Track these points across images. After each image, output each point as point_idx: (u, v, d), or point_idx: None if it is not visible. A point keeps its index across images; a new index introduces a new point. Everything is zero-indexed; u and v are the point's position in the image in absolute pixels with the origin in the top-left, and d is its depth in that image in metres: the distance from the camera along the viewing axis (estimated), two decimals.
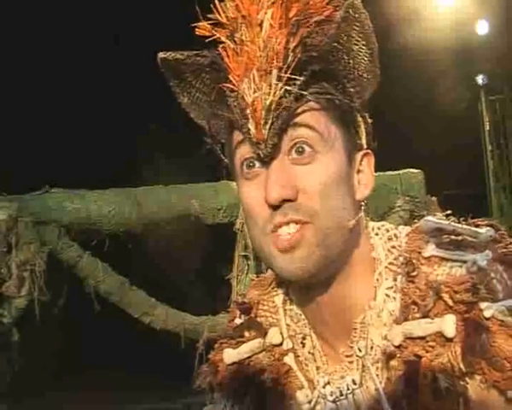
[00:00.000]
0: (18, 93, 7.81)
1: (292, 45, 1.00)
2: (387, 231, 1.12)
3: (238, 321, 1.22)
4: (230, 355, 1.17)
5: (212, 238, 3.98)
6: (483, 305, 0.98)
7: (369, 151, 1.11)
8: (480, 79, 10.27)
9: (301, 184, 1.01)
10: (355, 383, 1.08)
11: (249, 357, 1.16)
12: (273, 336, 1.16)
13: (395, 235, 1.11)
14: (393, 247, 1.09)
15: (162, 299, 3.78)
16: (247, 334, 1.18)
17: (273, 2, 1.01)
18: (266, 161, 1.01)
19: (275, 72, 0.99)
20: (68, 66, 8.18)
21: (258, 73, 1.00)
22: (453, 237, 1.05)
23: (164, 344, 4.11)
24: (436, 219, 1.09)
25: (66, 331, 5.92)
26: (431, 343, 0.99)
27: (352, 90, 1.05)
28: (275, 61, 0.99)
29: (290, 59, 1.00)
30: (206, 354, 3.78)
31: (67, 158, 7.86)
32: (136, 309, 3.69)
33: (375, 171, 1.12)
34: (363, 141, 1.10)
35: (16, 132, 7.83)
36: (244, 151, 1.03)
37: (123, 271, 3.74)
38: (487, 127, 10.31)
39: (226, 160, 1.10)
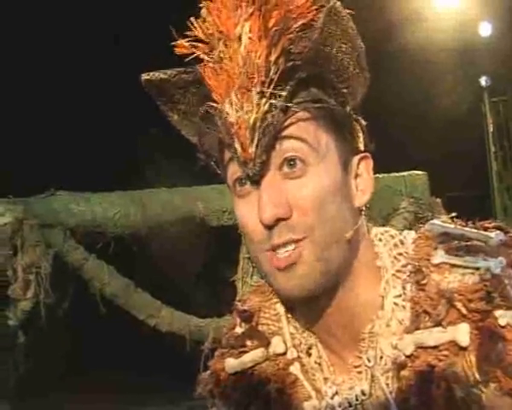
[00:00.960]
0: (22, 97, 7.82)
1: (274, 57, 0.96)
2: (392, 237, 1.09)
3: (239, 330, 1.18)
4: (232, 365, 1.14)
5: (217, 240, 3.98)
6: (498, 313, 0.95)
7: (366, 154, 1.06)
8: (483, 81, 10.25)
9: (294, 199, 0.98)
10: (364, 394, 1.05)
11: (252, 367, 1.13)
12: (276, 346, 1.12)
13: (401, 241, 1.08)
14: (400, 254, 1.06)
15: (167, 301, 3.78)
16: (249, 343, 1.14)
17: (251, 14, 0.96)
18: (256, 180, 0.98)
19: (256, 89, 0.95)
20: (73, 70, 8.19)
21: (239, 91, 0.96)
22: (463, 242, 1.02)
23: (169, 347, 4.12)
24: (442, 222, 1.07)
25: (71, 333, 5.93)
26: (444, 352, 0.97)
27: (344, 91, 1.02)
28: (256, 77, 0.95)
29: (273, 71, 0.96)
30: (211, 356, 3.77)
31: (72, 161, 7.86)
32: (141, 311, 3.69)
33: (379, 173, 1.09)
34: (360, 144, 1.06)
35: (21, 136, 7.83)
36: (234, 170, 1.00)
37: (128, 273, 3.75)
38: (491, 129, 10.29)
39: (221, 175, 1.06)
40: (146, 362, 6.54)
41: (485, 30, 9.88)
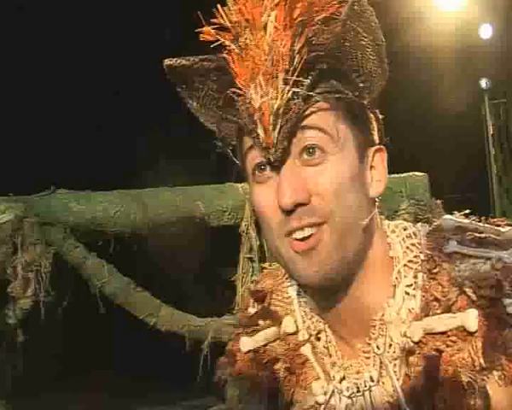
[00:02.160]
0: (23, 96, 7.82)
1: (297, 46, 0.99)
2: (405, 229, 1.11)
3: (252, 310, 1.22)
4: (246, 343, 1.18)
5: (217, 240, 3.98)
6: (506, 301, 0.98)
7: (381, 147, 1.10)
8: (483, 83, 10.26)
9: (314, 186, 1.00)
10: (372, 380, 1.07)
11: (265, 345, 1.17)
12: (287, 325, 1.16)
13: (414, 233, 1.11)
14: (413, 244, 1.09)
15: (167, 300, 3.78)
16: (261, 322, 1.19)
17: (276, 4, 0.99)
18: (277, 166, 1.01)
19: (281, 75, 0.98)
20: (74, 68, 8.19)
21: (264, 77, 0.99)
22: (476, 234, 1.05)
23: (168, 346, 4.12)
24: (456, 217, 1.09)
25: (70, 332, 5.93)
26: (452, 338, 0.99)
27: (361, 85, 1.04)
28: (281, 65, 0.98)
29: (296, 60, 0.99)
30: (210, 356, 3.76)
31: (73, 159, 7.87)
32: (140, 310, 3.69)
33: None
34: (375, 137, 1.10)
35: (22, 134, 7.83)
36: (254, 156, 1.03)
37: (128, 272, 3.74)
38: (491, 131, 10.30)
39: (238, 163, 1.09)
40: (145, 361, 6.54)
41: (486, 32, 9.88)
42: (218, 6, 1.02)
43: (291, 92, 0.98)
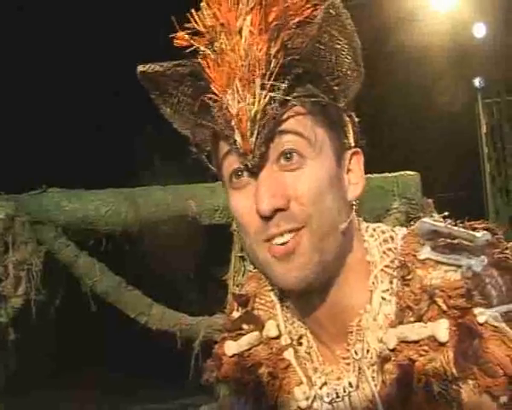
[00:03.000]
0: (16, 93, 7.81)
1: (273, 51, 0.98)
2: (383, 232, 1.11)
3: (236, 314, 1.22)
4: (231, 347, 1.18)
5: (209, 239, 3.98)
6: (477, 310, 0.97)
7: (357, 150, 1.09)
8: (477, 82, 10.28)
9: (292, 191, 1.00)
10: (351, 386, 1.08)
11: (249, 349, 1.17)
12: (269, 329, 1.16)
13: (391, 237, 1.10)
14: (389, 249, 1.09)
15: (158, 299, 3.78)
16: (245, 326, 1.19)
17: (251, 8, 0.98)
18: (254, 171, 1.00)
19: (258, 80, 0.97)
20: (68, 66, 8.18)
21: (241, 82, 0.97)
22: (449, 240, 1.04)
23: (159, 344, 4.12)
24: (432, 220, 1.08)
25: (62, 331, 5.92)
26: (424, 347, 0.99)
27: (336, 88, 1.03)
28: (257, 69, 0.97)
29: (273, 65, 0.97)
30: (202, 354, 3.76)
31: (65, 158, 7.86)
32: (132, 309, 3.69)
33: (371, 173, 1.11)
34: (351, 140, 1.09)
35: (14, 132, 7.82)
36: (231, 161, 1.02)
37: (119, 271, 3.75)
38: (484, 130, 10.32)
39: (213, 168, 1.08)
40: (136, 360, 6.54)
41: (480, 31, 9.90)
42: (192, 11, 1.01)
43: (268, 97, 0.97)
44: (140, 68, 1.05)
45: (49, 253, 3.54)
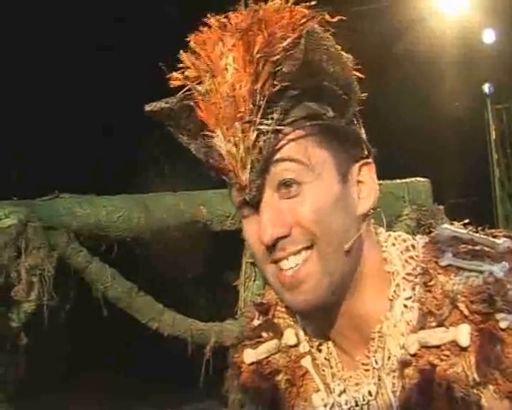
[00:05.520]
0: (26, 99, 7.84)
1: (259, 84, 0.97)
2: (404, 241, 1.11)
3: (256, 322, 1.23)
4: (249, 355, 1.19)
5: (220, 245, 3.99)
6: (499, 316, 0.98)
7: (367, 160, 1.08)
8: (486, 88, 10.25)
9: (292, 217, 1.01)
10: (371, 395, 1.08)
11: (267, 357, 1.18)
12: (288, 338, 1.17)
13: (412, 245, 1.11)
14: (411, 257, 1.09)
15: (169, 305, 3.79)
16: (264, 335, 1.20)
17: (234, 45, 0.98)
18: (254, 203, 1.01)
19: (242, 118, 0.97)
20: (79, 73, 8.21)
21: (226, 123, 0.98)
22: (470, 246, 1.05)
23: (171, 349, 4.13)
24: (454, 227, 1.10)
25: (73, 335, 5.94)
26: (446, 352, 1.00)
27: (344, 97, 1.03)
28: (242, 106, 0.97)
29: (259, 99, 0.97)
30: (213, 360, 3.76)
31: (77, 163, 7.88)
32: (143, 315, 3.70)
33: (382, 179, 1.11)
34: (360, 150, 1.08)
35: (26, 138, 7.85)
36: (235, 193, 1.04)
37: (131, 276, 3.76)
38: (493, 136, 10.29)
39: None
40: (147, 365, 6.55)
41: (489, 37, 9.87)
42: (181, 51, 1.02)
43: (256, 132, 0.97)
44: (147, 108, 1.06)
45: (61, 258, 3.55)
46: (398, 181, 4.13)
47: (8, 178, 6.96)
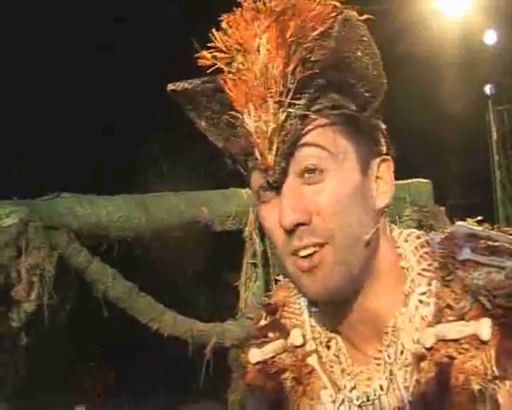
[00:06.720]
0: (26, 99, 7.84)
1: (291, 67, 0.98)
2: (418, 237, 1.11)
3: (263, 322, 1.23)
4: (255, 355, 1.19)
5: (221, 245, 3.99)
6: None
7: (387, 157, 1.09)
8: (487, 89, 10.26)
9: (314, 205, 1.00)
10: (382, 389, 1.08)
11: (273, 357, 1.18)
12: (294, 338, 1.17)
13: (427, 242, 1.10)
14: (426, 253, 1.09)
15: (170, 305, 3.79)
16: (271, 334, 1.20)
17: (268, 26, 0.99)
18: (276, 186, 1.01)
19: (273, 98, 0.98)
20: (80, 73, 8.22)
21: (257, 101, 0.98)
22: (490, 242, 1.05)
23: (171, 349, 4.12)
24: (469, 225, 1.10)
25: (73, 335, 5.93)
26: (465, 346, 0.99)
27: (366, 95, 1.03)
28: (274, 87, 0.97)
29: (290, 81, 0.98)
30: (213, 361, 3.75)
31: (78, 163, 7.88)
32: (144, 315, 3.70)
33: None
34: (380, 147, 1.09)
35: (27, 138, 7.85)
36: (257, 177, 1.03)
37: (131, 276, 3.75)
38: (495, 137, 10.30)
39: (247, 179, 1.09)
40: (147, 365, 6.55)
41: (490, 38, 9.89)
42: (214, 30, 1.02)
43: (285, 114, 0.98)
44: (170, 87, 1.06)
45: (61, 258, 3.55)
46: (400, 182, 4.13)
47: (8, 178, 6.96)
